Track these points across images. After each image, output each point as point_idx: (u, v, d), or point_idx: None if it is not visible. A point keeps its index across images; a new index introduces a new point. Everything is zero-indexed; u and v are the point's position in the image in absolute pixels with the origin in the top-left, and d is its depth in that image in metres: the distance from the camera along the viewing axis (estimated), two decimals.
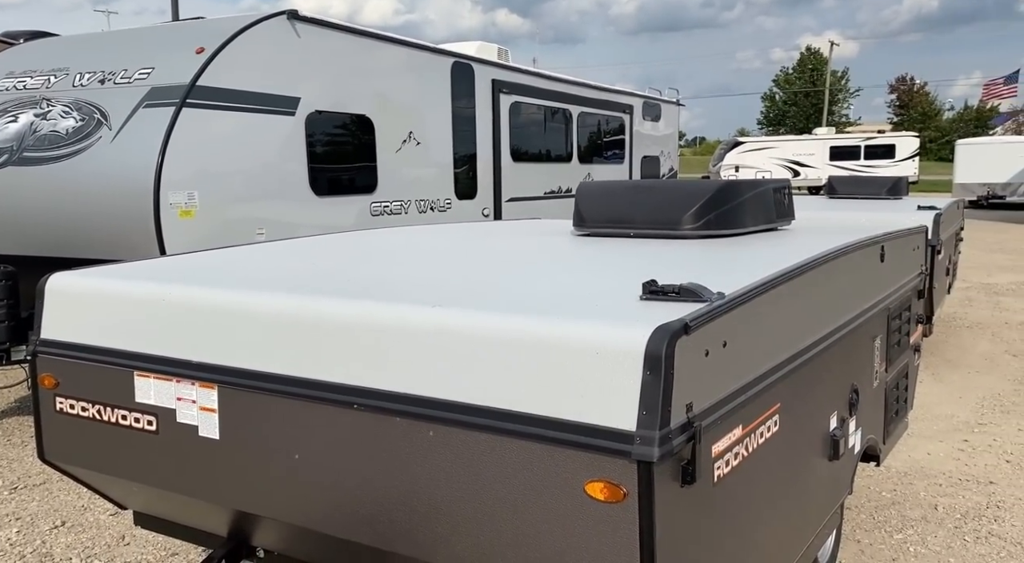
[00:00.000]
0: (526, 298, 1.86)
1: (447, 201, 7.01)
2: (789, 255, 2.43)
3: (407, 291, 2.00)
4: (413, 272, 2.34)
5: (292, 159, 5.35)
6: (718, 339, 1.70)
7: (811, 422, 2.32)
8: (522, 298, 1.86)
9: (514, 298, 1.86)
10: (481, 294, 1.93)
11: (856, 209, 6.22)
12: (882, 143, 30.59)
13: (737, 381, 1.79)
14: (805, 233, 3.23)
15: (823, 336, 2.35)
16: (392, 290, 2.02)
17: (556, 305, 1.76)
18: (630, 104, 10.76)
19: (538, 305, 1.77)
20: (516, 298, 1.86)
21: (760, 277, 2.00)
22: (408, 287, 2.06)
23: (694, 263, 2.44)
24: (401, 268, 2.44)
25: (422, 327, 1.74)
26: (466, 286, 2.06)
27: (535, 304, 1.78)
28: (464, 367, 1.68)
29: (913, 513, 3.59)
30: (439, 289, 2.02)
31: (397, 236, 3.41)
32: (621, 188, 3.14)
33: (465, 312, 1.73)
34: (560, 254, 2.68)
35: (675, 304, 1.72)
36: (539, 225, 3.82)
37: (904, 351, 3.38)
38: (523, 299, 1.85)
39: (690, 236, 2.96)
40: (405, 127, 6.41)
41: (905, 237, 3.32)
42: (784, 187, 3.49)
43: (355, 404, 1.79)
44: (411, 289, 2.03)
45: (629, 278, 2.07)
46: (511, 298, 1.86)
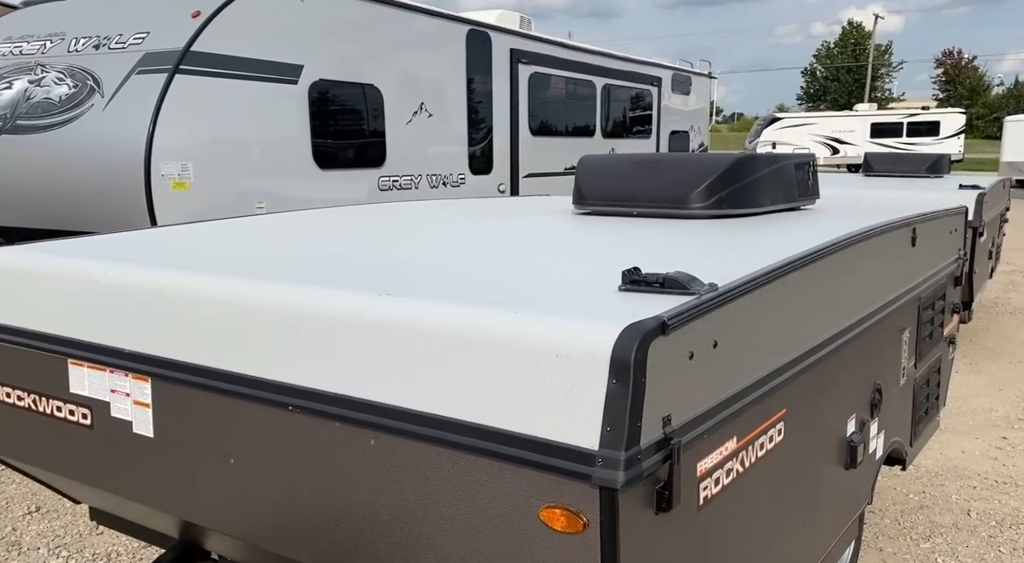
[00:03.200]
0: (490, 287, 1.62)
1: (460, 176, 6.76)
2: (806, 239, 2.15)
3: (360, 276, 1.77)
4: (378, 254, 2.11)
5: (294, 130, 5.13)
6: (706, 338, 1.44)
7: (824, 428, 2.06)
8: (485, 287, 1.62)
9: (476, 287, 1.62)
10: (441, 281, 1.70)
11: (892, 188, 5.85)
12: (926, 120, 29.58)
13: (731, 387, 1.54)
14: (829, 214, 2.93)
15: (841, 331, 2.08)
16: (343, 274, 1.79)
17: (520, 296, 1.52)
18: (658, 76, 10.36)
19: (499, 296, 1.53)
20: (478, 287, 1.62)
21: (768, 263, 1.74)
22: (364, 271, 1.83)
23: (697, 246, 2.17)
24: (368, 249, 2.21)
25: (364, 319, 1.51)
26: (428, 271, 1.82)
27: (496, 295, 1.54)
28: (409, 367, 1.45)
29: (943, 519, 3.30)
30: (397, 274, 1.79)
31: (381, 213, 3.18)
32: (625, 162, 2.86)
33: (413, 303, 1.49)
34: (550, 235, 2.43)
35: (657, 297, 1.47)
36: (539, 202, 3.56)
37: (936, 344, 3.08)
38: (486, 288, 1.61)
39: (699, 216, 2.68)
40: (416, 98, 6.16)
41: (940, 219, 3.00)
42: (807, 162, 3.18)
43: (290, 405, 1.58)
44: (365, 274, 1.80)
45: (618, 264, 1.81)
46: (472, 287, 1.62)
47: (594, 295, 1.52)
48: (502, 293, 1.55)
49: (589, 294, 1.53)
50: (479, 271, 1.81)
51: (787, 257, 1.82)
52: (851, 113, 31.52)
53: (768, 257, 1.84)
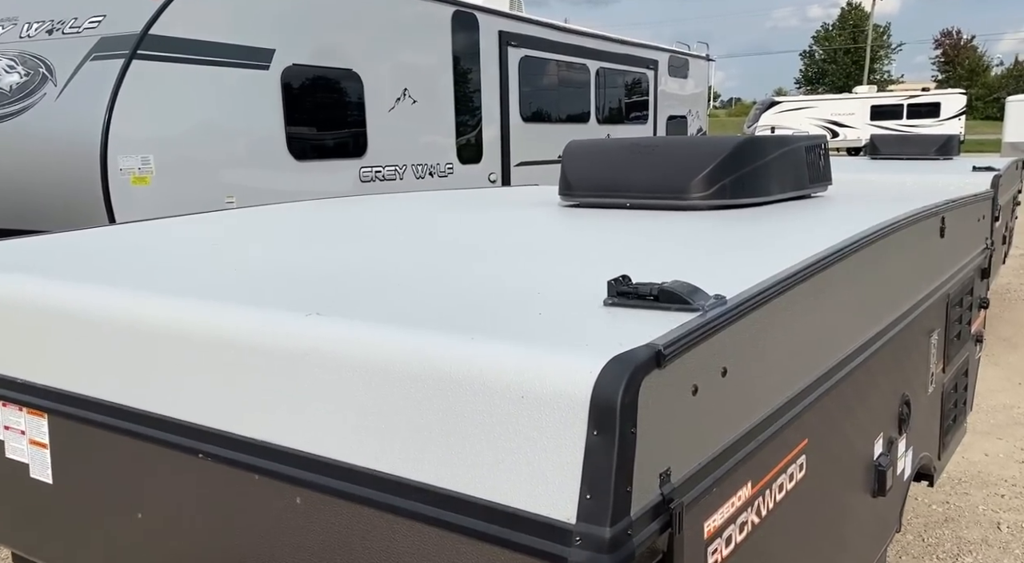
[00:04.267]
0: (445, 301, 1.32)
1: (448, 166, 6.45)
2: (826, 233, 1.86)
3: (296, 289, 1.47)
4: (329, 257, 1.80)
5: (266, 119, 4.82)
6: (714, 366, 1.15)
7: (849, 454, 1.77)
8: (440, 301, 1.32)
9: (429, 301, 1.32)
10: (391, 292, 1.40)
11: (902, 171, 5.53)
12: (926, 101, 29.18)
13: (744, 422, 1.25)
14: (845, 202, 2.63)
15: (868, 340, 1.78)
16: (275, 287, 1.49)
17: (479, 314, 1.22)
18: (654, 59, 10.02)
19: (453, 314, 1.23)
20: (431, 301, 1.32)
21: (785, 265, 1.44)
22: (303, 281, 1.53)
23: (699, 244, 1.87)
24: (319, 251, 1.91)
25: (286, 346, 1.21)
26: (379, 279, 1.52)
27: (450, 312, 1.24)
28: (340, 410, 1.16)
29: (971, 533, 3.02)
30: (341, 284, 1.49)
31: (351, 207, 2.88)
32: (616, 148, 2.56)
33: (345, 325, 1.20)
34: (529, 232, 2.13)
35: (650, 314, 1.17)
36: (523, 193, 3.26)
37: (964, 344, 2.79)
38: (440, 302, 1.31)
39: (699, 207, 2.38)
40: (399, 83, 5.83)
41: (969, 206, 2.70)
42: (819, 145, 2.88)
43: (200, 452, 1.28)
44: (303, 285, 1.49)
45: (605, 268, 1.52)
46: (425, 300, 1.32)
47: (573, 312, 1.22)
48: (458, 310, 1.25)
49: (567, 310, 1.23)
50: (438, 279, 1.51)
51: (807, 257, 1.52)
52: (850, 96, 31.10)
53: (784, 257, 1.54)
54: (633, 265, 1.56)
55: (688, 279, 1.29)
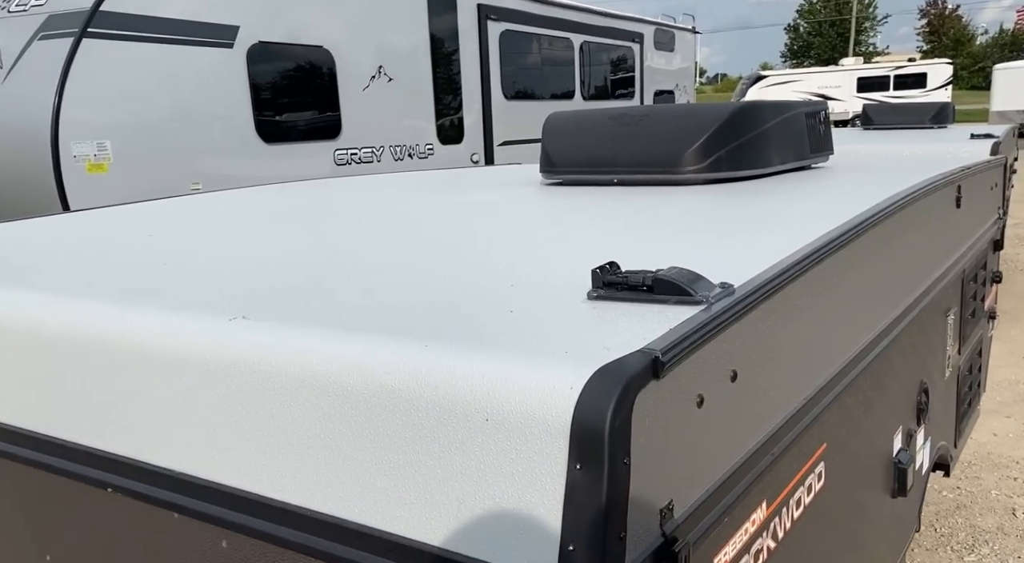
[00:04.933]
0: (400, 299, 1.11)
1: (428, 146, 6.21)
2: (838, 205, 1.66)
3: (228, 286, 1.25)
4: (276, 248, 1.58)
5: (231, 100, 4.56)
6: (722, 371, 0.95)
7: (869, 453, 1.58)
8: (392, 301, 1.10)
9: (379, 302, 1.11)
10: (338, 290, 1.18)
11: (899, 141, 5.33)
12: (912, 72, 29.02)
13: (758, 432, 1.05)
14: (852, 172, 2.43)
15: (887, 326, 1.59)
16: (205, 284, 1.27)
17: (438, 314, 1.01)
18: (640, 32, 9.76)
19: (407, 314, 1.02)
20: (381, 302, 1.11)
21: (797, 244, 1.24)
22: (236, 279, 1.31)
23: (697, 224, 1.67)
24: (267, 241, 1.69)
25: (205, 358, 1.00)
26: (327, 275, 1.30)
27: (403, 312, 1.03)
28: (272, 436, 0.95)
29: (985, 522, 2.85)
30: (282, 282, 1.27)
31: (317, 190, 2.66)
32: (601, 118, 2.34)
33: (276, 332, 0.99)
34: (506, 214, 1.92)
35: (644, 309, 0.96)
36: (503, 172, 3.04)
37: (979, 322, 2.61)
38: (393, 301, 1.09)
39: (693, 181, 2.17)
40: (373, 61, 5.57)
41: (983, 173, 2.50)
42: (819, 111, 2.67)
43: (110, 486, 1.07)
44: (237, 282, 1.28)
45: (591, 254, 1.31)
46: (374, 301, 1.11)
47: (551, 309, 1.01)
48: (414, 309, 1.04)
49: (544, 307, 1.02)
50: (396, 271, 1.29)
51: (822, 234, 1.32)
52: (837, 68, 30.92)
53: (795, 235, 1.34)
54: (622, 249, 1.36)
55: (687, 265, 1.09)
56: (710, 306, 0.96)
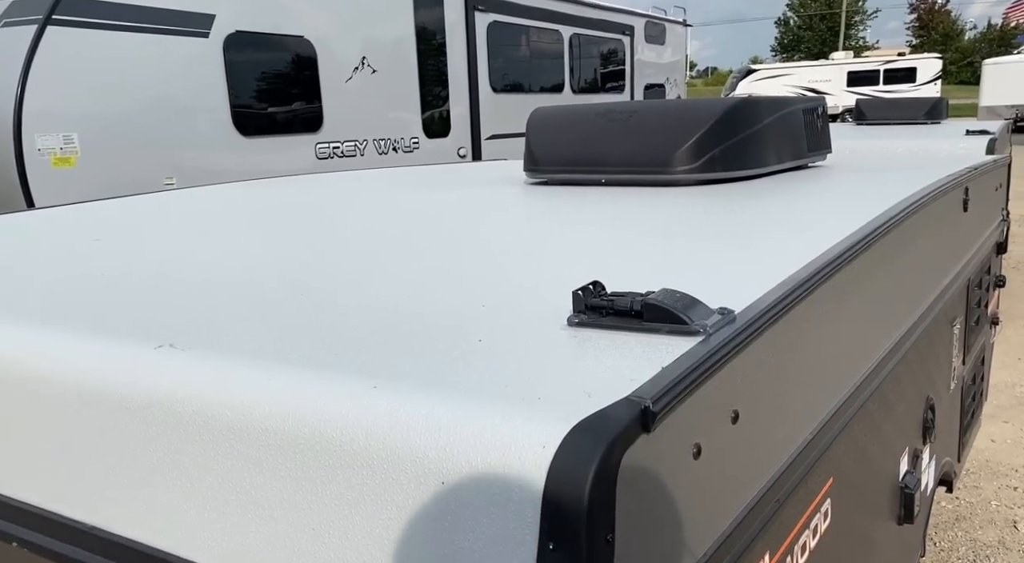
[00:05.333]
0: (349, 328, 0.97)
1: (414, 140, 6.05)
2: (840, 211, 1.53)
3: (163, 304, 1.11)
4: (219, 256, 1.44)
5: (208, 91, 4.40)
6: (722, 412, 0.82)
7: (876, 482, 1.45)
8: (341, 326, 0.97)
9: (326, 326, 0.97)
10: (282, 312, 1.05)
11: (894, 137, 5.22)
12: (902, 66, 29.04)
13: (760, 478, 0.92)
14: (853, 172, 2.30)
15: (896, 342, 1.47)
16: (135, 302, 1.13)
17: (391, 346, 0.87)
18: (630, 25, 9.61)
19: (355, 347, 0.88)
20: (329, 326, 0.97)
21: (806, 257, 1.11)
22: (177, 294, 1.17)
23: (690, 231, 1.54)
24: (223, 248, 1.54)
25: (123, 395, 0.86)
26: (277, 293, 1.16)
27: (351, 344, 0.89)
28: (195, 488, 0.81)
29: (986, 535, 2.75)
30: (226, 298, 1.13)
31: (283, 188, 2.51)
32: (589, 114, 2.21)
33: (203, 363, 0.85)
34: (483, 218, 1.78)
35: (632, 339, 0.83)
36: (485, 169, 2.90)
37: (983, 329, 2.50)
38: (341, 329, 0.96)
39: (686, 182, 2.04)
40: (356, 51, 5.41)
41: (989, 173, 2.39)
42: (817, 108, 2.54)
43: (15, 540, 0.93)
44: (174, 300, 1.14)
45: (573, 268, 1.18)
46: (321, 326, 0.97)
47: (525, 336, 0.88)
48: (366, 337, 0.90)
49: (517, 334, 0.89)
50: (351, 288, 1.16)
51: (830, 244, 1.19)
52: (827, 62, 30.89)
53: (800, 245, 1.22)
54: (609, 262, 1.23)
55: (680, 281, 0.96)
56: (708, 337, 0.83)
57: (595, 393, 0.71)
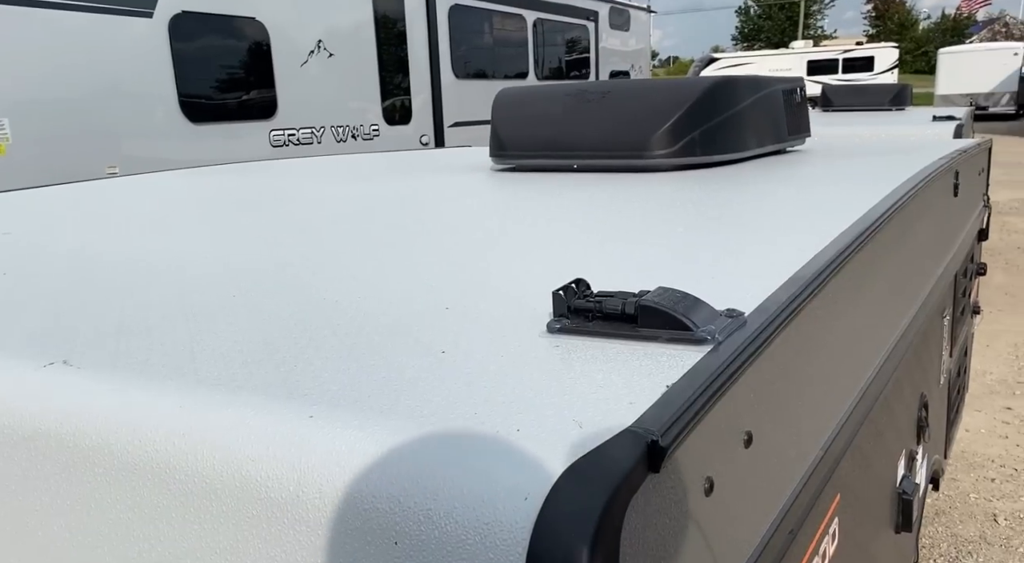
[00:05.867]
0: (288, 334, 0.81)
1: (373, 127, 5.85)
2: (837, 198, 1.41)
3: (62, 312, 0.94)
4: (153, 255, 1.27)
5: (153, 75, 4.15)
6: (734, 435, 0.68)
7: (878, 491, 1.34)
8: (276, 337, 0.81)
9: (257, 337, 0.81)
10: (205, 321, 0.88)
11: (864, 123, 5.17)
12: (860, 55, 29.49)
13: (775, 505, 0.79)
14: (835, 158, 2.19)
15: (898, 339, 1.35)
16: (29, 311, 0.95)
17: (334, 364, 0.71)
18: (595, 10, 9.48)
19: (289, 367, 0.72)
20: (261, 338, 0.81)
21: (808, 249, 0.99)
22: (80, 300, 1.00)
23: (673, 221, 1.40)
24: (146, 245, 1.37)
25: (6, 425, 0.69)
26: (201, 294, 1.00)
27: (286, 363, 0.73)
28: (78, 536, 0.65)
29: (967, 530, 2.68)
30: (142, 302, 0.96)
31: (235, 176, 2.33)
32: (559, 95, 2.06)
33: (100, 386, 0.69)
34: (447, 208, 1.62)
35: (626, 350, 0.69)
36: (449, 155, 2.74)
37: (966, 319, 2.41)
38: (275, 342, 0.80)
39: (663, 167, 1.90)
40: (312, 34, 5.19)
41: (975, 157, 2.29)
42: (796, 88, 2.43)
43: None
44: (74, 308, 0.97)
45: (548, 264, 1.04)
46: (250, 337, 0.81)
47: (497, 347, 0.73)
48: (307, 347, 0.75)
49: (487, 344, 0.74)
50: (292, 289, 0.99)
51: (837, 233, 1.06)
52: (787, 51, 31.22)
53: (800, 236, 1.09)
54: (588, 257, 1.08)
55: (672, 278, 0.82)
56: (718, 346, 0.69)
57: (587, 422, 0.56)
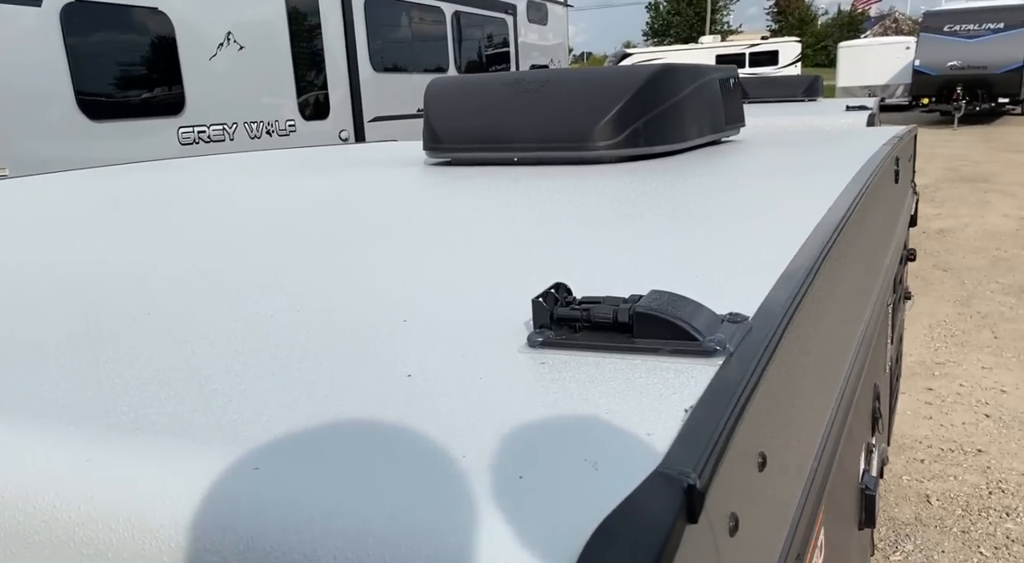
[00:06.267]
0: (190, 364, 0.68)
1: (289, 123, 5.61)
2: (799, 187, 1.36)
3: None
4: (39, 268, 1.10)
5: (44, 69, 3.83)
6: (750, 461, 0.59)
7: (847, 493, 1.29)
8: (176, 367, 0.68)
9: (144, 372, 0.67)
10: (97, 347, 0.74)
11: (780, 113, 5.26)
12: (766, 50, 30.52)
13: (780, 534, 0.71)
14: (777, 147, 2.16)
15: (864, 332, 1.31)
16: None
17: (266, 395, 0.59)
18: (513, 3, 9.41)
19: (206, 402, 0.59)
20: (152, 371, 0.67)
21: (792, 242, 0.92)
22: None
23: (635, 216, 1.31)
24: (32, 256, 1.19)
25: None
26: (93, 312, 0.85)
27: (202, 398, 0.60)
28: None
29: (903, 513, 2.73)
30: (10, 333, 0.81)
31: (142, 174, 2.13)
32: (496, 85, 1.96)
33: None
34: (383, 207, 1.50)
35: (624, 366, 0.59)
36: (377, 150, 2.60)
37: (901, 305, 2.44)
38: (174, 372, 0.67)
39: (607, 158, 1.83)
40: (220, 26, 4.92)
41: (907, 144, 2.31)
42: (731, 77, 2.40)
43: None
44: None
45: (509, 268, 0.93)
46: (136, 374, 0.68)
47: (472, 365, 0.62)
48: (219, 381, 0.62)
49: (459, 365, 0.63)
50: (208, 301, 0.86)
51: (815, 223, 1.00)
52: (697, 46, 32.03)
53: (778, 229, 1.02)
54: (550, 257, 0.98)
55: (647, 277, 0.74)
56: (730, 358, 0.60)
57: (603, 462, 0.46)
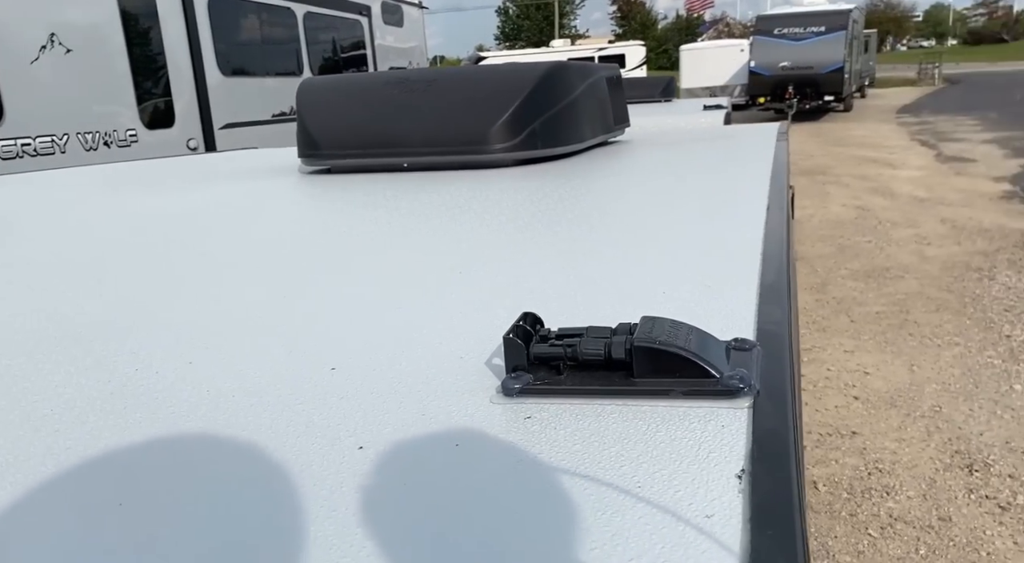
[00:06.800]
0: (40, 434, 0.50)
1: (130, 132, 5.13)
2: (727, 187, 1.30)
3: None
4: None
5: None
6: None
7: None
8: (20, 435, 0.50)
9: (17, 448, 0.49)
10: None
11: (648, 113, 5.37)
12: (613, 53, 31.66)
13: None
14: (665, 146, 2.13)
15: None
16: None
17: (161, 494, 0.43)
18: (367, 4, 9.14)
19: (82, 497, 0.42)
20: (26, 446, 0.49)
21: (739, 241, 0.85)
22: None
23: (558, 225, 1.20)
24: None
25: None
26: None
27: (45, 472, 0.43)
28: None
29: None
30: None
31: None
32: (377, 85, 1.79)
33: None
34: (264, 226, 1.30)
35: (624, 412, 0.47)
36: (241, 158, 2.36)
37: None
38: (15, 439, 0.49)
39: (503, 162, 1.71)
40: (41, 26, 4.41)
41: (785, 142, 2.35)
42: (615, 76, 2.35)
43: None
44: None
45: (439, 295, 0.79)
46: None
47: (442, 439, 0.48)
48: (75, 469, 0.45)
49: (421, 435, 0.48)
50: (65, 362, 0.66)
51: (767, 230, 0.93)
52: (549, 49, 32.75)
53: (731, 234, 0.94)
54: (479, 277, 0.85)
55: (604, 300, 0.63)
56: (757, 397, 0.50)
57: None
